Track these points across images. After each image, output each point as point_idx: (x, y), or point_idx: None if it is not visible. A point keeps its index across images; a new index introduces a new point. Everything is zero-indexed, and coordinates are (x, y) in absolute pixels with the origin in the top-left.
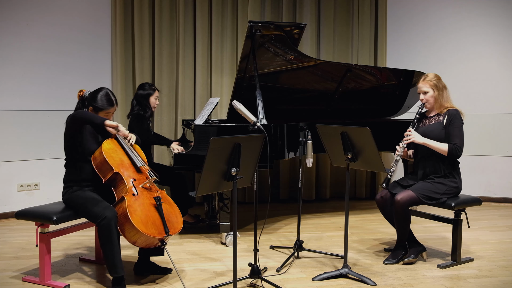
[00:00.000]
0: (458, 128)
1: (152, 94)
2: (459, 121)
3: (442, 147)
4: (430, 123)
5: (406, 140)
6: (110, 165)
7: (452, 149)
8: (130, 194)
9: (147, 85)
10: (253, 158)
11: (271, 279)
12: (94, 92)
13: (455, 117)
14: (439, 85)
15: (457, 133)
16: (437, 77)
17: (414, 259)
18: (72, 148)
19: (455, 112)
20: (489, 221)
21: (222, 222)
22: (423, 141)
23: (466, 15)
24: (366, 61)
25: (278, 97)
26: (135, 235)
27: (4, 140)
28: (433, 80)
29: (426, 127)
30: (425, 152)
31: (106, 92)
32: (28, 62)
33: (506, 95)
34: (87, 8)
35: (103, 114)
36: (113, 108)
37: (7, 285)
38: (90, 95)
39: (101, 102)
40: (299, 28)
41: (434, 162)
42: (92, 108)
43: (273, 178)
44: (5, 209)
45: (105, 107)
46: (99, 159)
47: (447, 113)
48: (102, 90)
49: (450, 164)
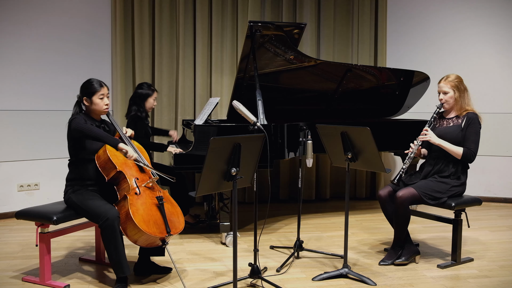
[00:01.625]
0: (476, 133)
1: (151, 95)
2: (477, 126)
3: (457, 150)
4: (448, 125)
5: (422, 138)
6: (114, 164)
7: (467, 153)
8: (132, 193)
9: (146, 85)
10: (253, 158)
11: (271, 279)
12: (81, 85)
13: (474, 122)
14: (460, 87)
15: (474, 138)
16: (459, 78)
17: (405, 262)
18: (76, 148)
19: (474, 116)
20: (489, 221)
21: (222, 222)
22: (438, 142)
23: (466, 15)
24: (366, 61)
25: (278, 97)
26: (137, 234)
27: (4, 140)
28: (455, 81)
29: (444, 128)
30: (438, 152)
31: (90, 79)
32: (28, 62)
33: (506, 95)
34: (87, 8)
35: (97, 97)
36: (103, 88)
37: (7, 285)
38: (80, 90)
39: (90, 86)
40: (299, 28)
41: (444, 162)
42: (86, 98)
43: (273, 178)
44: (5, 209)
45: (96, 88)
46: (102, 158)
47: (466, 116)
48: (87, 80)
49: (459, 166)
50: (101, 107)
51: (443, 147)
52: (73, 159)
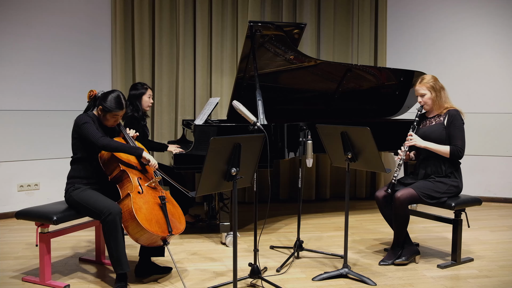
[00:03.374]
0: (459, 129)
1: (145, 93)
2: (459, 122)
3: (444, 149)
4: (430, 124)
5: (407, 143)
6: (117, 162)
7: (454, 150)
8: (135, 191)
9: (139, 85)
10: (253, 158)
11: (271, 279)
12: (107, 93)
13: (456, 118)
14: (436, 87)
15: (458, 134)
16: (434, 78)
17: (405, 262)
18: (80, 146)
19: (456, 113)
20: (489, 221)
21: (222, 222)
22: (424, 145)
23: (466, 15)
24: (366, 61)
25: (278, 97)
26: (139, 232)
27: (4, 140)
28: (430, 82)
29: (427, 128)
30: (426, 153)
31: (117, 95)
32: (28, 62)
33: (506, 95)
34: (87, 8)
35: (111, 116)
36: (121, 111)
37: (7, 285)
38: (102, 95)
39: (110, 103)
40: (299, 28)
41: (435, 163)
42: (101, 108)
43: (273, 178)
44: (5, 209)
45: (114, 109)
46: (106, 156)
47: (447, 114)
48: (114, 92)
49: (451, 164)
50: (110, 124)
51: (430, 149)
52: (76, 156)
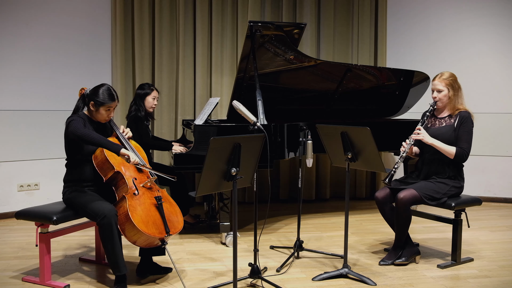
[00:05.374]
0: (468, 132)
1: (149, 93)
2: (470, 125)
3: (450, 150)
4: (440, 125)
5: (414, 137)
6: (111, 164)
7: (460, 153)
8: (131, 193)
9: (147, 85)
10: (253, 158)
11: (271, 279)
12: (95, 87)
13: (467, 120)
14: (455, 85)
15: (466, 137)
16: (454, 76)
17: (405, 262)
18: (73, 148)
19: (467, 115)
20: (489, 221)
21: (222, 222)
22: (431, 142)
23: (466, 15)
24: (366, 61)
25: (278, 97)
26: (136, 235)
27: (4, 140)
28: (449, 79)
29: (437, 129)
30: (431, 152)
31: (107, 87)
32: (28, 62)
33: (506, 95)
34: (87, 8)
35: (105, 108)
36: (114, 102)
37: (7, 285)
38: (91, 91)
39: (103, 96)
40: (299, 28)
41: (439, 163)
42: (93, 103)
43: (273, 178)
44: (5, 209)
45: (107, 101)
46: (100, 158)
47: (458, 115)
48: (103, 86)
49: (454, 166)
50: (103, 118)
51: (436, 147)
52: (70, 159)
